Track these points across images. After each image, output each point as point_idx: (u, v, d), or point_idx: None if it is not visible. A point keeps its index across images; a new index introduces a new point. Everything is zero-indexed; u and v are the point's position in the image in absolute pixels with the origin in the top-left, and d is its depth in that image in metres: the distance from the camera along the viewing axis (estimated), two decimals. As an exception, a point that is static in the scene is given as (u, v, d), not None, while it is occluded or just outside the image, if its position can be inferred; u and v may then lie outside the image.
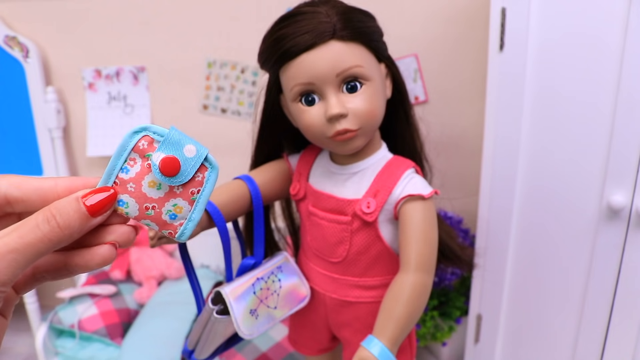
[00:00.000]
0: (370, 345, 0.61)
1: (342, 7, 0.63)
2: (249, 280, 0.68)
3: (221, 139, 1.22)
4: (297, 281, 0.74)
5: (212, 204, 0.65)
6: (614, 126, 0.75)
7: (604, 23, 0.74)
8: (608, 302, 0.82)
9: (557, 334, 0.92)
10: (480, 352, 1.04)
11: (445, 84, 1.10)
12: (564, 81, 0.80)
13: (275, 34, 0.63)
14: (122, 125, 1.23)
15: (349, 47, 0.61)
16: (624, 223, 0.78)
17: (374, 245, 0.68)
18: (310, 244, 0.74)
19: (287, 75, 0.64)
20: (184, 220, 0.31)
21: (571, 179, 0.82)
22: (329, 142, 0.65)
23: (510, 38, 0.83)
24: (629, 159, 0.75)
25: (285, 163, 0.77)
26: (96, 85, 1.23)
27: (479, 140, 0.98)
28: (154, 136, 0.29)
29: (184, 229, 0.31)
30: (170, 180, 0.29)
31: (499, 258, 0.94)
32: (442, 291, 1.11)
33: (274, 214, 0.83)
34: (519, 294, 0.95)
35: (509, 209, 0.91)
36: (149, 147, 0.29)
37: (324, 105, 0.63)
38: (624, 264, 0.79)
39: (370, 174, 0.68)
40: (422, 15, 1.07)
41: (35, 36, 1.21)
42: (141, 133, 0.29)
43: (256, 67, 1.14)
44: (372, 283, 0.71)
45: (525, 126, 0.85)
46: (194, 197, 0.31)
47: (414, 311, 0.63)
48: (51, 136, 1.23)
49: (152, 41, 1.19)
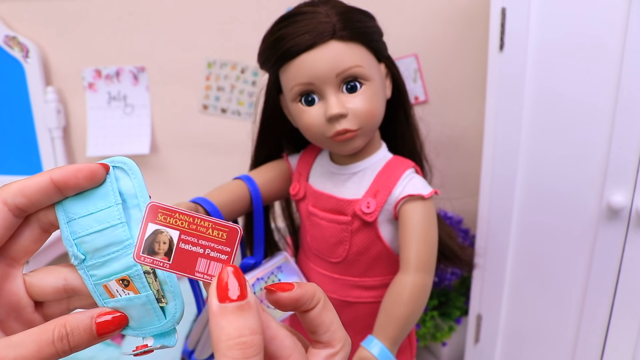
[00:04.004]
0: (370, 345, 0.61)
1: (342, 7, 0.63)
2: (249, 281, 0.68)
3: (221, 139, 1.22)
4: (297, 281, 0.74)
5: (212, 204, 0.65)
6: (614, 126, 0.75)
7: (604, 23, 0.74)
8: (608, 302, 0.82)
9: (557, 334, 0.92)
10: (480, 352, 1.04)
11: (445, 84, 1.10)
12: (564, 81, 0.80)
13: (275, 34, 0.63)
14: (122, 125, 1.23)
15: (348, 47, 0.61)
16: (624, 223, 0.78)
17: (373, 245, 0.68)
18: (310, 244, 0.74)
19: (286, 76, 0.64)
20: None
21: (571, 179, 0.82)
22: (328, 142, 0.65)
23: (510, 38, 0.83)
24: (629, 159, 0.75)
25: (285, 163, 0.77)
26: (96, 85, 1.23)
27: (479, 140, 0.98)
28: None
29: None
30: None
31: (499, 258, 0.94)
32: (442, 291, 1.11)
33: (274, 214, 0.83)
34: (519, 294, 0.95)
35: (509, 209, 0.91)
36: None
37: (324, 105, 0.63)
38: (624, 264, 0.79)
39: (370, 174, 0.68)
40: (422, 15, 1.07)
41: (35, 36, 1.21)
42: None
43: (256, 67, 1.14)
44: (372, 283, 0.71)
45: (525, 126, 0.85)
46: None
47: (414, 311, 0.63)
48: (51, 136, 1.23)
49: (152, 41, 1.19)
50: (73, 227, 0.27)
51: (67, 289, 0.28)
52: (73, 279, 0.28)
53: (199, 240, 0.25)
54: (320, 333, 0.27)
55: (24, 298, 0.28)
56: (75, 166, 0.26)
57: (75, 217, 0.27)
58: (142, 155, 1.24)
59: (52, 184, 0.26)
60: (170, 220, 0.26)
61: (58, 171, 0.26)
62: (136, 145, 1.22)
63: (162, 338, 0.28)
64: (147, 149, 1.22)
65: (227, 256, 0.25)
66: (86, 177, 0.26)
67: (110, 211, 0.27)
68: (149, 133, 1.23)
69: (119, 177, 0.27)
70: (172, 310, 0.28)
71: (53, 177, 0.26)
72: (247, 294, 0.23)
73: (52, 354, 0.25)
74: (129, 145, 1.22)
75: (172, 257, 0.26)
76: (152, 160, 1.26)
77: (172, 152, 1.25)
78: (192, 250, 0.25)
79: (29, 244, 0.28)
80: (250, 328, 0.22)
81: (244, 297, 0.22)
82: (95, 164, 0.27)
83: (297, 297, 0.26)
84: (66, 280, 0.28)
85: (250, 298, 0.23)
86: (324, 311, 0.27)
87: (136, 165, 0.27)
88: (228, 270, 0.23)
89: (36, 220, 0.27)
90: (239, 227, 0.25)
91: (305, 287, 0.27)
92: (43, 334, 0.25)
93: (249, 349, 0.21)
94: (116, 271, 0.27)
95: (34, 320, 0.28)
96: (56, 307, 0.29)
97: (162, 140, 1.25)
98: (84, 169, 0.26)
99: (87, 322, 0.26)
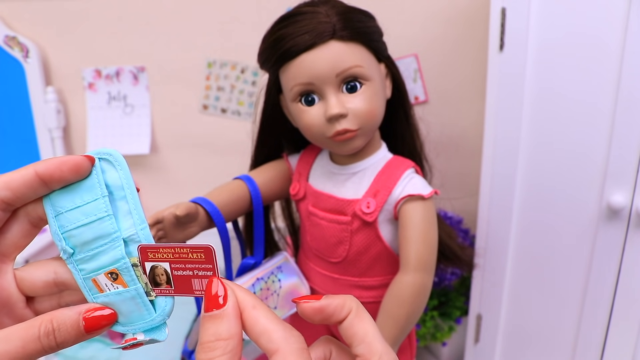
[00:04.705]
0: (370, 345, 0.61)
1: (342, 7, 0.63)
2: (249, 281, 0.68)
3: (221, 139, 1.22)
4: (297, 281, 0.74)
5: (212, 204, 0.65)
6: (614, 126, 0.75)
7: (604, 23, 0.74)
8: (608, 302, 0.82)
9: (557, 334, 0.92)
10: (480, 352, 1.04)
11: (445, 84, 1.10)
12: (564, 81, 0.80)
13: (275, 34, 0.63)
14: (122, 125, 1.23)
15: (348, 47, 0.61)
16: (624, 223, 0.78)
17: (373, 245, 0.68)
18: (310, 244, 0.74)
19: (286, 76, 0.64)
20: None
21: (571, 179, 0.82)
22: (328, 142, 0.65)
23: (510, 38, 0.83)
24: (629, 159, 0.75)
25: (285, 163, 0.77)
26: (96, 85, 1.23)
27: (479, 140, 0.98)
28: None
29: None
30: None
31: (499, 258, 0.94)
32: (442, 291, 1.11)
33: (274, 214, 0.83)
34: (519, 294, 0.95)
35: (509, 209, 0.91)
36: None
37: (324, 105, 0.63)
38: (624, 264, 0.79)
39: (370, 174, 0.68)
40: (422, 15, 1.07)
41: (35, 36, 1.21)
42: None
43: (256, 67, 1.14)
44: (372, 283, 0.71)
45: (525, 126, 0.85)
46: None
47: (414, 311, 0.63)
48: (51, 136, 1.23)
49: (152, 41, 1.19)
50: (61, 221, 0.27)
51: (58, 283, 0.28)
52: (63, 272, 0.28)
53: (185, 265, 0.27)
54: (354, 345, 0.26)
55: (15, 293, 0.27)
56: (59, 158, 0.26)
57: (62, 211, 0.27)
58: (142, 155, 1.24)
59: (37, 177, 0.26)
60: (158, 256, 0.27)
61: (43, 164, 0.26)
62: (136, 145, 1.22)
63: (152, 332, 0.28)
64: (147, 149, 1.22)
65: (212, 271, 0.27)
66: (71, 170, 0.26)
67: (97, 204, 0.27)
68: (149, 133, 1.23)
69: (105, 169, 0.27)
70: (162, 304, 0.28)
71: (38, 170, 0.26)
72: (221, 305, 0.25)
73: (38, 350, 0.25)
74: (129, 145, 1.22)
75: (173, 284, 0.28)
76: (152, 160, 1.26)
77: (172, 152, 1.25)
78: (184, 275, 0.27)
79: (18, 239, 0.28)
80: (217, 334, 0.24)
81: (218, 307, 0.25)
82: (79, 156, 0.26)
83: (321, 307, 0.26)
84: (56, 274, 0.28)
85: (226, 307, 0.25)
86: (356, 321, 0.26)
87: (122, 157, 0.28)
88: (213, 284, 0.26)
89: (25, 214, 0.27)
90: (211, 246, 0.27)
91: (332, 298, 0.27)
92: (29, 330, 0.25)
93: (212, 351, 0.24)
94: (105, 264, 0.27)
95: (25, 315, 0.28)
96: (47, 302, 0.29)
97: (162, 140, 1.25)
98: (68, 161, 0.26)
99: (74, 318, 0.26)
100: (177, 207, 0.59)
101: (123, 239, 0.27)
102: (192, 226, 0.63)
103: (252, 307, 0.25)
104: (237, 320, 0.25)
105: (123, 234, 0.27)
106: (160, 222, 0.59)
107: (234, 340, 0.24)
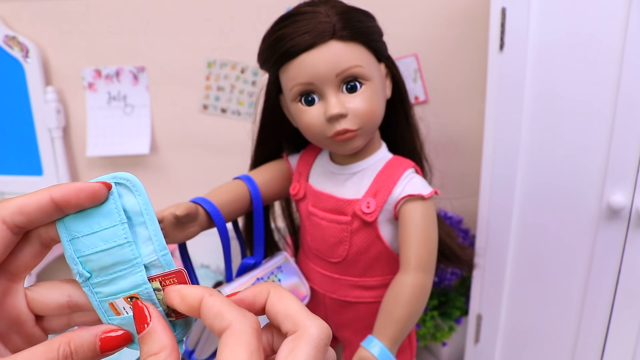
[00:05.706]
0: (370, 346, 0.61)
1: (342, 7, 0.63)
2: (249, 281, 0.68)
3: (221, 139, 1.22)
4: (297, 281, 0.74)
5: (212, 204, 0.65)
6: (614, 126, 0.75)
7: (604, 23, 0.74)
8: (608, 302, 0.82)
9: (557, 334, 0.92)
10: (480, 352, 1.04)
11: (445, 84, 1.10)
12: (564, 81, 0.80)
13: (274, 34, 0.63)
14: (122, 125, 1.23)
15: (348, 47, 0.61)
16: (624, 223, 0.78)
17: (373, 245, 0.68)
18: (310, 244, 0.74)
19: (286, 75, 0.64)
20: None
21: (571, 179, 0.82)
22: (328, 142, 0.65)
23: (510, 38, 0.83)
24: (629, 159, 0.75)
25: (285, 163, 0.77)
26: (96, 85, 1.23)
27: (479, 140, 0.98)
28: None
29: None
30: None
31: (499, 258, 0.94)
32: (442, 291, 1.11)
33: (274, 214, 0.83)
34: (519, 294, 0.95)
35: (509, 209, 0.91)
36: None
37: (324, 105, 0.63)
38: (624, 264, 0.79)
39: (370, 174, 0.68)
40: (422, 15, 1.07)
41: (35, 36, 1.21)
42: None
43: (256, 67, 1.13)
44: (372, 283, 0.71)
45: (525, 126, 0.85)
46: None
47: (414, 311, 0.63)
48: (51, 136, 1.23)
49: (152, 41, 1.18)
50: (77, 245, 0.27)
51: (71, 305, 0.28)
52: (77, 295, 0.28)
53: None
54: (280, 323, 0.27)
55: (25, 312, 0.28)
56: (77, 185, 0.26)
57: (78, 236, 0.27)
58: (142, 155, 1.24)
59: (52, 203, 0.26)
60: (169, 281, 0.28)
61: (59, 190, 0.26)
62: (136, 145, 1.22)
63: None
64: (147, 149, 1.22)
65: None
66: (88, 197, 0.26)
67: (116, 230, 0.27)
68: (149, 133, 1.23)
69: (121, 194, 0.27)
70: (182, 323, 0.28)
71: (53, 196, 0.26)
72: (148, 322, 0.26)
73: None
74: (129, 145, 1.22)
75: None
76: (152, 160, 1.26)
77: (172, 152, 1.25)
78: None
79: (29, 259, 0.28)
80: (149, 352, 0.26)
81: (147, 324, 0.26)
82: (97, 183, 0.26)
83: (239, 300, 0.28)
84: (70, 297, 0.28)
85: (151, 324, 0.26)
86: (275, 300, 0.27)
87: (139, 182, 0.27)
88: (136, 308, 0.27)
89: (37, 236, 0.27)
90: (181, 268, 0.28)
91: (248, 288, 0.28)
92: (49, 354, 0.25)
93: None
94: (124, 289, 0.27)
95: (35, 334, 0.28)
96: (57, 321, 0.29)
97: (162, 140, 1.25)
98: (86, 188, 0.26)
99: (90, 340, 0.26)
100: (177, 207, 0.59)
101: (144, 264, 0.27)
102: (192, 226, 0.63)
103: (208, 295, 0.26)
104: (165, 331, 0.26)
105: (144, 260, 0.27)
106: (160, 222, 0.59)
107: (167, 350, 0.25)
